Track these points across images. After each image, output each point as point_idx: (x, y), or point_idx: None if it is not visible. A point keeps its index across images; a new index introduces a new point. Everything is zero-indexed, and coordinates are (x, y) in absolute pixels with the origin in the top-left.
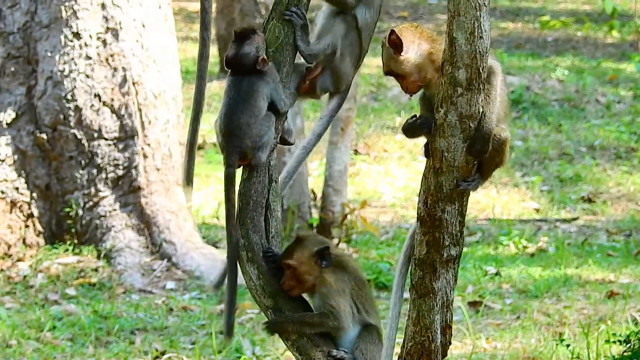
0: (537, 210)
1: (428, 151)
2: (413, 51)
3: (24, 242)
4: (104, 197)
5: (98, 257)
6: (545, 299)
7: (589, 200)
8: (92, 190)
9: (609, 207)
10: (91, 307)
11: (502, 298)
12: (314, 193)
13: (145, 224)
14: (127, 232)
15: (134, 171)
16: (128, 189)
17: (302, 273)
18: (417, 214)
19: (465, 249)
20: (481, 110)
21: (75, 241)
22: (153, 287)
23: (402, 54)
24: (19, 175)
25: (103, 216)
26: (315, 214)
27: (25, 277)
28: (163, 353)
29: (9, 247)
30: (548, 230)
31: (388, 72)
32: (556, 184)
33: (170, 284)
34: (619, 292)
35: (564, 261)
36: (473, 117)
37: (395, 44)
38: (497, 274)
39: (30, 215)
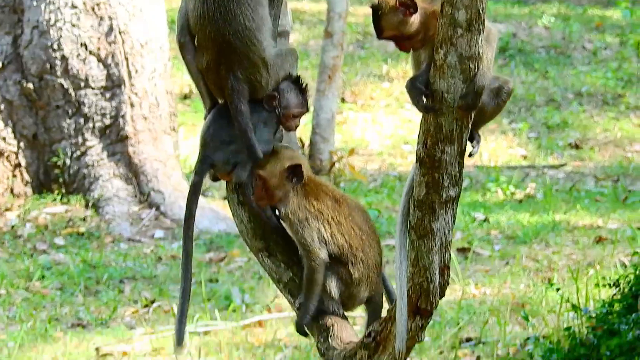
0: (525, 157)
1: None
2: (421, 9)
3: (11, 192)
4: (91, 147)
5: (86, 206)
6: (534, 244)
7: (577, 147)
8: (80, 139)
9: (597, 153)
10: (80, 256)
11: (491, 244)
12: (301, 141)
13: (133, 173)
14: (115, 181)
15: (121, 120)
16: (115, 138)
17: (271, 186)
18: (416, 155)
19: None
20: (480, 51)
21: (63, 190)
22: (141, 236)
23: (416, 12)
24: (6, 125)
25: (91, 165)
26: None
27: (13, 227)
28: (152, 301)
29: None
30: (536, 176)
31: (391, 36)
32: (543, 130)
33: (158, 233)
34: (607, 237)
35: (552, 207)
36: (473, 58)
37: (406, 5)
38: (485, 220)
39: (18, 165)
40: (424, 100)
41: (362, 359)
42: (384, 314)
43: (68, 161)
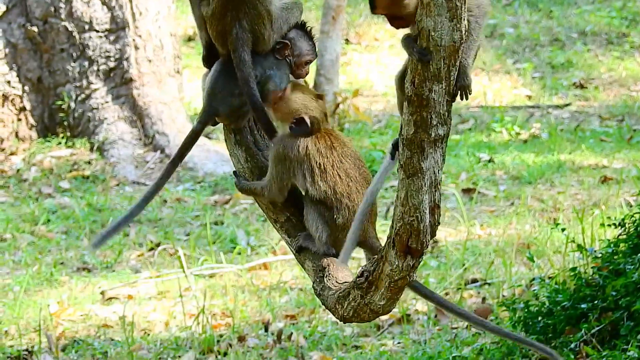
0: (529, 97)
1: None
2: None
3: (16, 135)
4: (96, 90)
5: (91, 149)
6: (539, 185)
7: (581, 86)
8: (84, 82)
9: (601, 93)
10: (85, 199)
11: (496, 185)
12: (306, 82)
13: (137, 115)
14: (119, 124)
15: (125, 63)
16: (120, 81)
17: (276, 116)
18: (405, 94)
19: (457, 137)
20: None
21: (68, 134)
22: (146, 179)
23: None
24: (11, 68)
25: (95, 108)
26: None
27: (18, 170)
28: (158, 245)
29: (2, 141)
30: (540, 116)
31: (384, 13)
32: (548, 70)
33: None
34: (612, 177)
35: (557, 147)
36: None
37: None
38: (490, 160)
39: (23, 109)
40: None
41: (355, 299)
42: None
43: (73, 104)
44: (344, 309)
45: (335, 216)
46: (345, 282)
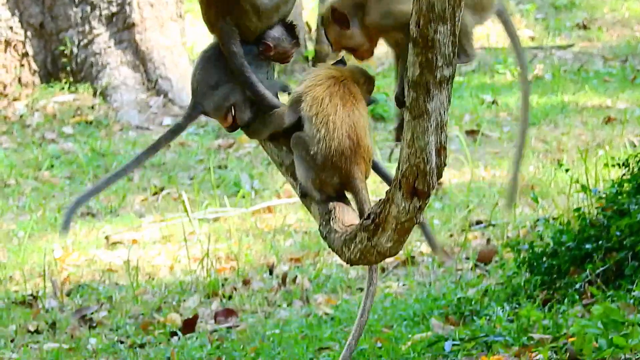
0: (532, 38)
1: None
2: (356, 22)
3: (19, 81)
4: (98, 35)
5: (94, 94)
6: (543, 126)
7: (584, 27)
8: (87, 27)
9: (604, 33)
10: (88, 144)
11: (500, 126)
12: (308, 26)
13: (140, 60)
14: (122, 69)
15: (127, 7)
16: (122, 26)
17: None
18: (410, 35)
19: (461, 78)
20: None
21: (71, 79)
22: (150, 124)
23: (349, 28)
24: (13, 14)
25: (98, 54)
26: (311, 47)
27: (21, 116)
28: (161, 189)
29: (5, 86)
30: (544, 57)
31: (341, 48)
32: (551, 11)
33: (167, 120)
34: (616, 118)
35: (560, 88)
36: None
37: (341, 20)
38: (493, 102)
39: (25, 55)
40: None
41: (362, 241)
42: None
43: (75, 50)
44: (350, 252)
45: (313, 153)
46: (352, 224)
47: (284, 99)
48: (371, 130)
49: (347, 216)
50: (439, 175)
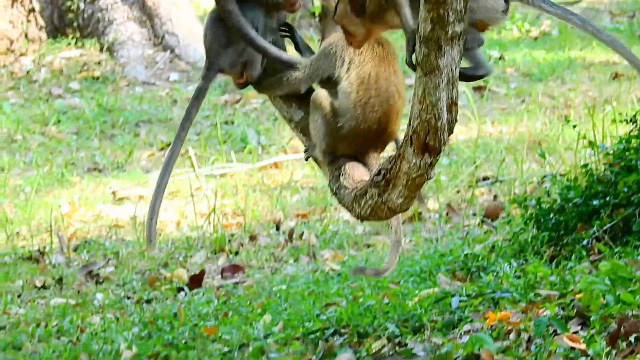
0: None
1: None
2: (367, 22)
3: (26, 37)
4: None
5: (101, 50)
6: (550, 81)
7: None
8: None
9: None
10: (95, 100)
11: (507, 82)
12: None
13: (147, 15)
14: (129, 25)
15: None
16: None
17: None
18: None
19: None
20: None
21: (78, 35)
22: (156, 79)
23: (358, 17)
24: None
25: (104, 9)
26: (317, 2)
27: (28, 72)
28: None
29: (11, 42)
30: None
31: (339, 23)
32: None
33: (173, 76)
34: (623, 74)
35: (567, 44)
36: None
37: (356, 7)
38: (500, 58)
39: (32, 10)
40: None
41: (372, 197)
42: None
43: (82, 5)
44: (360, 208)
45: (339, 124)
46: (362, 180)
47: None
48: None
49: (357, 172)
50: (450, 131)
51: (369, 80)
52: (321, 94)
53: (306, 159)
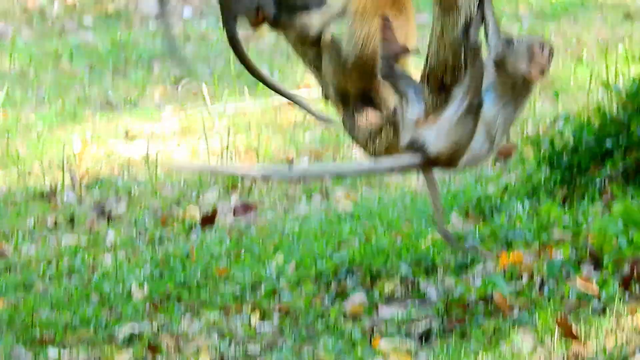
0: None
1: None
2: None
3: None
4: None
5: None
6: (562, 21)
7: None
8: None
9: None
10: (108, 35)
11: (519, 21)
12: None
13: None
14: None
15: None
16: None
17: None
18: None
19: None
20: None
21: None
22: (170, 15)
23: None
24: None
25: None
26: None
27: (41, 7)
28: (181, 78)
29: None
30: None
31: None
32: None
33: (187, 11)
34: (636, 13)
35: None
36: None
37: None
38: None
39: None
40: None
41: (387, 135)
42: None
43: None
44: (375, 146)
45: (343, 60)
46: (376, 118)
47: None
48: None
49: (370, 111)
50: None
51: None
52: (328, 35)
53: (324, 98)
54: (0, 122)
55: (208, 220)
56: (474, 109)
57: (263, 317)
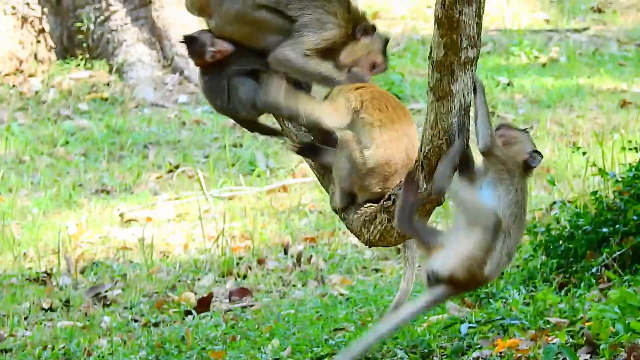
0: (547, 21)
1: None
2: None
3: (35, 57)
4: (115, 11)
5: (110, 71)
6: (558, 108)
7: (599, 10)
8: (103, 4)
9: (619, 17)
10: (104, 121)
11: (515, 108)
12: None
13: (156, 37)
14: (138, 46)
15: None
16: (139, 3)
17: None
18: (435, 16)
19: None
20: None
21: (87, 56)
22: (165, 101)
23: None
24: None
25: (114, 30)
26: None
27: (37, 92)
28: (177, 167)
29: (21, 62)
30: (559, 40)
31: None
32: None
33: (182, 98)
34: (631, 102)
35: (575, 71)
36: None
37: (364, 30)
38: (509, 84)
39: (42, 31)
40: None
41: (382, 223)
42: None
43: (92, 26)
44: (370, 233)
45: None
46: (371, 205)
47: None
48: None
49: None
50: None
51: (383, 108)
52: (348, 135)
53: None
54: None
55: (203, 304)
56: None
57: None
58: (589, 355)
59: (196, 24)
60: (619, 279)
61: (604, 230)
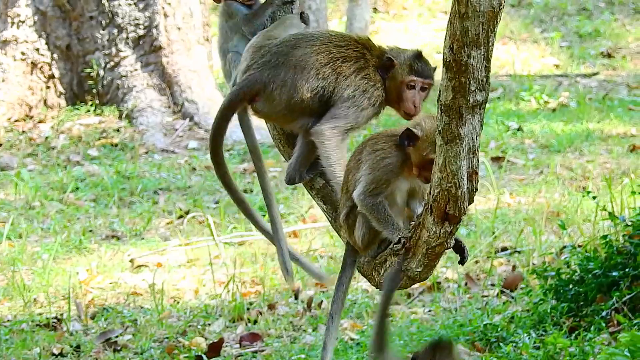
0: (557, 66)
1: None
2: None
3: (45, 103)
4: (125, 57)
5: (120, 117)
6: (568, 153)
7: (609, 56)
8: (113, 50)
9: (629, 62)
10: (114, 167)
11: (525, 153)
12: None
13: (166, 83)
14: (148, 92)
15: (154, 30)
16: (149, 49)
17: None
18: (443, 59)
19: (486, 105)
20: None
21: (97, 102)
22: (175, 147)
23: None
24: (40, 36)
25: (124, 76)
26: None
27: (47, 138)
28: (187, 212)
29: (30, 108)
30: (569, 85)
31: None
32: (575, 39)
33: (192, 144)
34: None
35: (585, 116)
36: None
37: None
38: (519, 129)
39: (51, 77)
40: None
41: (392, 266)
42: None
43: (102, 72)
44: (380, 276)
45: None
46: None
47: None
48: None
49: None
50: (470, 200)
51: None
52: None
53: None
54: (6, 252)
55: (214, 349)
56: None
57: None
58: None
59: (206, 71)
60: (629, 322)
61: (614, 274)
